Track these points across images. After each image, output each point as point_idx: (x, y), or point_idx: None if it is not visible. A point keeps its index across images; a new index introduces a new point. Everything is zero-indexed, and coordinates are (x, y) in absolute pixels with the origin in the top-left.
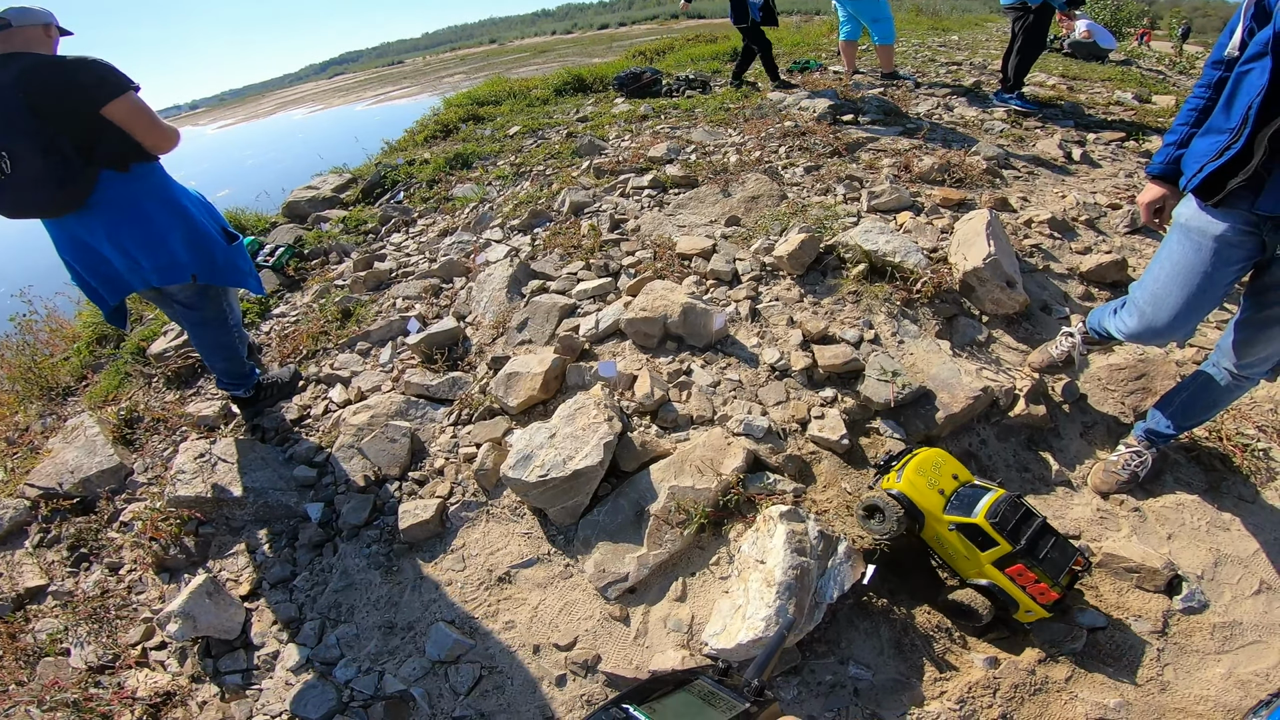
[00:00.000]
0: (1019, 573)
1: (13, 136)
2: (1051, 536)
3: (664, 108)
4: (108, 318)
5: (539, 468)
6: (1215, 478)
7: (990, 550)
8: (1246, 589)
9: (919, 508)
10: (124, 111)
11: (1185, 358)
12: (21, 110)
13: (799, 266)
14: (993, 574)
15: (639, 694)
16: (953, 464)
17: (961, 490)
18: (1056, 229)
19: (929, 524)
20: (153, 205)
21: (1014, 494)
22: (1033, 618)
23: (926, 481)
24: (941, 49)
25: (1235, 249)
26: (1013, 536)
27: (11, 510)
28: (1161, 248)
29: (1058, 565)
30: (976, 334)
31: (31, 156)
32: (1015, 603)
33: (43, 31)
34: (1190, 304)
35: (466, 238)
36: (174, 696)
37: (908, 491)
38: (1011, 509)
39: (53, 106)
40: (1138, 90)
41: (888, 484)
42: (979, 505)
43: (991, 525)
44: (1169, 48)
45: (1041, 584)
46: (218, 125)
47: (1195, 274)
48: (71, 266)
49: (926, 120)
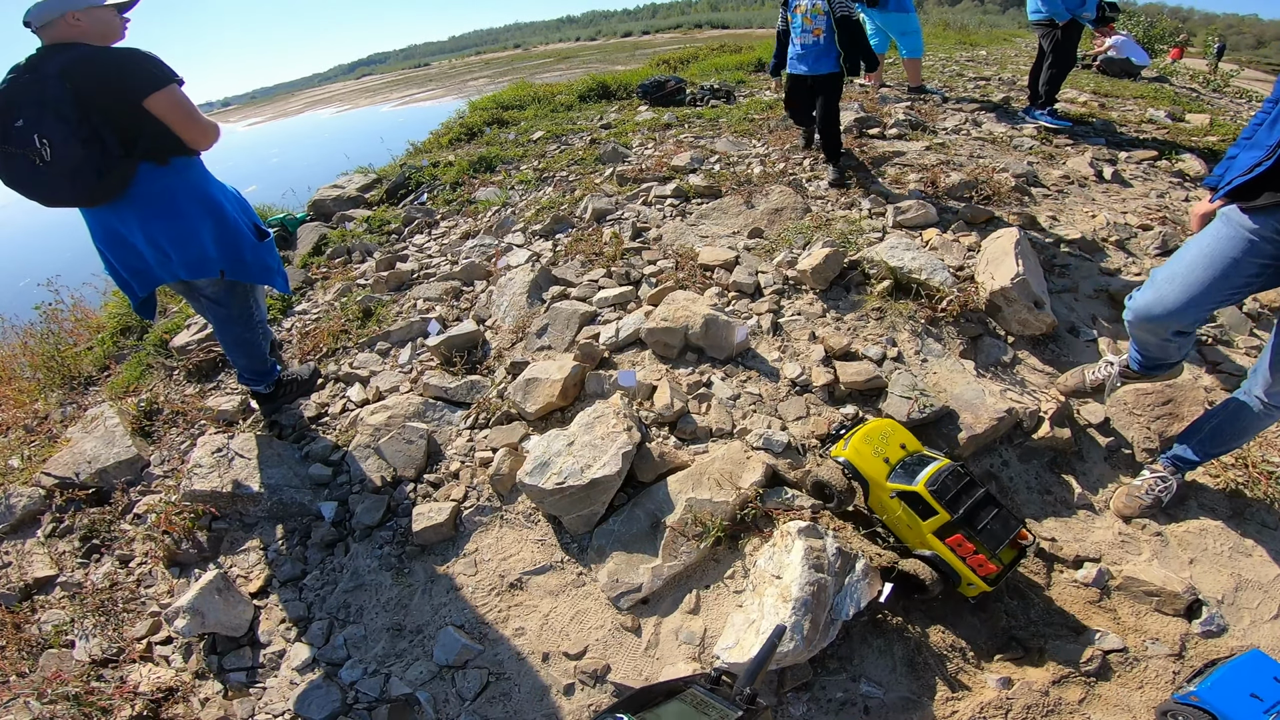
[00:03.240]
0: (958, 543)
1: (54, 125)
2: (993, 508)
3: (688, 117)
4: (136, 309)
5: (556, 475)
6: (1239, 504)
7: (931, 519)
8: (1266, 613)
9: (863, 475)
10: (165, 105)
11: (1213, 384)
12: (65, 100)
13: (822, 281)
14: (934, 544)
15: (633, 703)
16: (902, 434)
17: (908, 459)
18: (1085, 249)
19: (873, 491)
20: (186, 199)
21: (958, 464)
22: (974, 591)
23: (872, 449)
24: (970, 64)
25: (1268, 244)
26: (951, 505)
27: (25, 499)
28: (1197, 235)
29: (997, 537)
30: (1001, 354)
31: (72, 145)
32: (957, 575)
33: (65, 22)
34: (1208, 286)
35: (488, 241)
36: (176, 692)
37: (853, 459)
38: (954, 479)
39: (96, 97)
40: (1170, 108)
41: (836, 452)
42: (921, 474)
43: (930, 493)
44: (1204, 65)
45: (980, 555)
46: (248, 122)
47: (1223, 257)
48: (105, 257)
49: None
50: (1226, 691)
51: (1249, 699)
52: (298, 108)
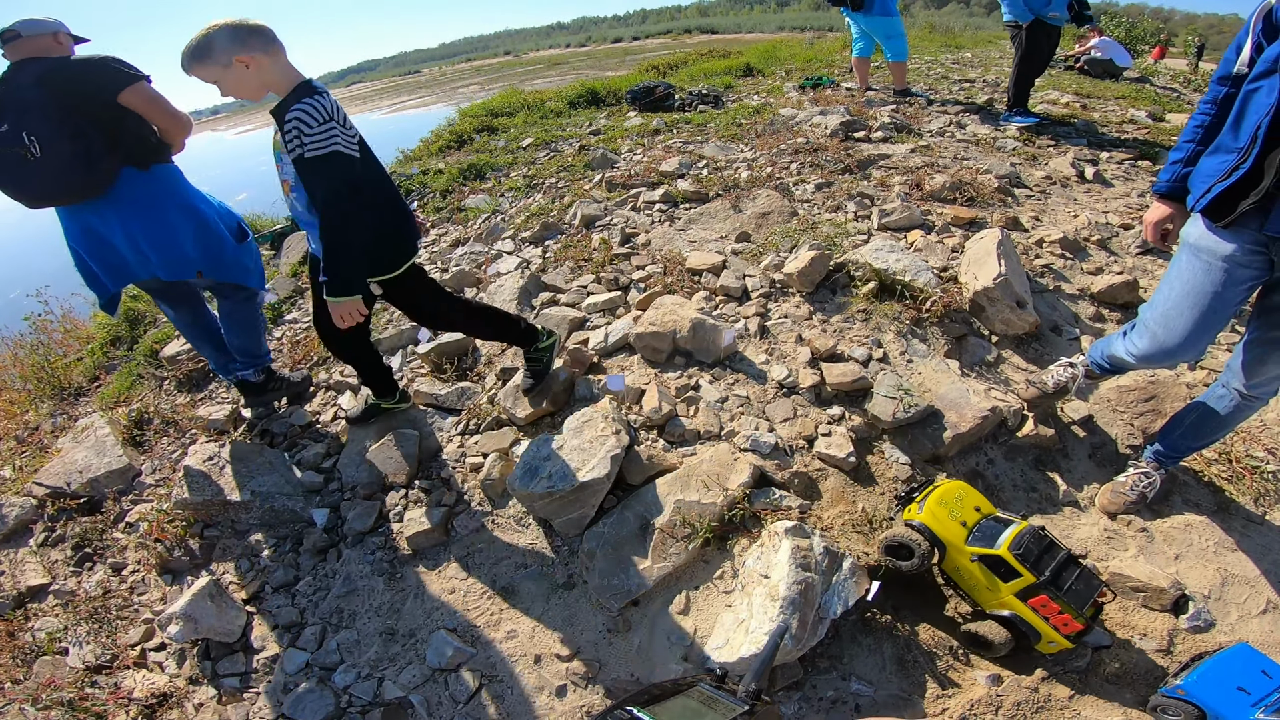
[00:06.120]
0: (1042, 604)
1: (41, 124)
2: (1076, 569)
3: (676, 122)
4: (103, 305)
5: (546, 479)
6: (1224, 499)
7: (1013, 581)
8: (1253, 608)
9: (940, 539)
10: (139, 99)
11: (1196, 380)
12: (48, 103)
13: (809, 284)
14: (1014, 605)
15: (641, 699)
16: (975, 496)
17: (984, 522)
18: (1068, 249)
19: (950, 555)
20: (168, 204)
21: (1038, 526)
22: (1055, 649)
23: (948, 513)
24: (955, 66)
25: (1244, 268)
26: (1036, 568)
27: (17, 508)
28: (1170, 268)
29: (1082, 597)
30: (986, 354)
31: (60, 141)
32: (1038, 634)
33: (52, 39)
34: (1201, 324)
35: (478, 248)
36: (170, 698)
37: (929, 523)
38: (1035, 541)
39: (75, 98)
40: (1151, 108)
41: (909, 515)
42: (1002, 537)
43: (1015, 557)
44: (1184, 65)
45: (1065, 615)
46: (238, 130)
47: (1205, 294)
48: (76, 252)
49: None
50: (1214, 685)
51: (1236, 692)
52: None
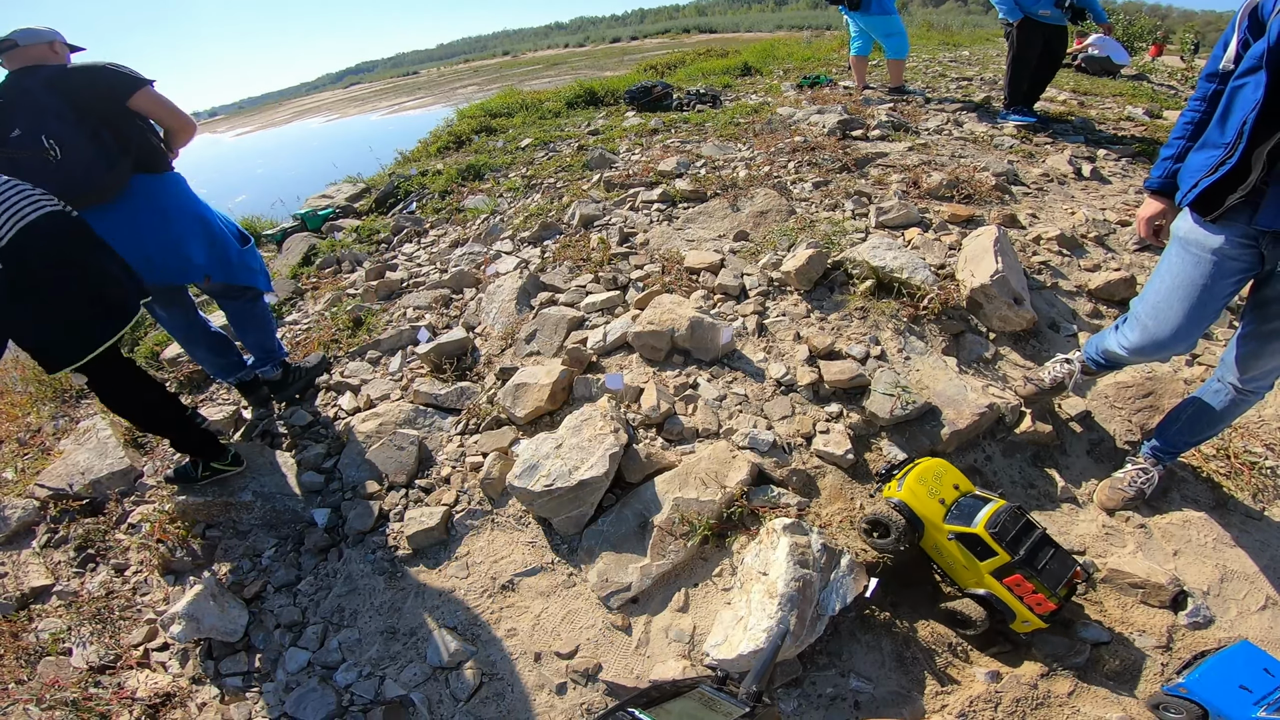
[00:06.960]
0: (1017, 583)
1: (58, 127)
2: (1051, 548)
3: (674, 122)
4: None
5: (545, 477)
6: (1222, 495)
7: (989, 560)
8: (1252, 604)
9: (919, 516)
10: (148, 102)
11: (1193, 376)
12: (61, 106)
13: (806, 282)
14: (991, 584)
15: (642, 700)
16: (954, 474)
17: (962, 500)
18: (1065, 246)
19: (928, 533)
20: (175, 211)
21: (1015, 505)
22: (1029, 628)
23: (927, 490)
24: (952, 64)
25: (1234, 261)
26: (1012, 547)
27: (20, 510)
28: (1161, 262)
29: (1056, 576)
30: (983, 351)
31: (80, 142)
32: (1012, 612)
33: (48, 48)
34: (1192, 316)
35: (477, 249)
36: (173, 698)
37: (908, 500)
38: (1011, 519)
39: (87, 101)
40: (1149, 106)
41: (889, 492)
42: (979, 515)
43: (991, 535)
44: (1180, 62)
45: (1039, 594)
46: (236, 132)
47: (1195, 287)
48: None
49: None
50: (1215, 683)
51: (1238, 690)
52: (286, 117)
